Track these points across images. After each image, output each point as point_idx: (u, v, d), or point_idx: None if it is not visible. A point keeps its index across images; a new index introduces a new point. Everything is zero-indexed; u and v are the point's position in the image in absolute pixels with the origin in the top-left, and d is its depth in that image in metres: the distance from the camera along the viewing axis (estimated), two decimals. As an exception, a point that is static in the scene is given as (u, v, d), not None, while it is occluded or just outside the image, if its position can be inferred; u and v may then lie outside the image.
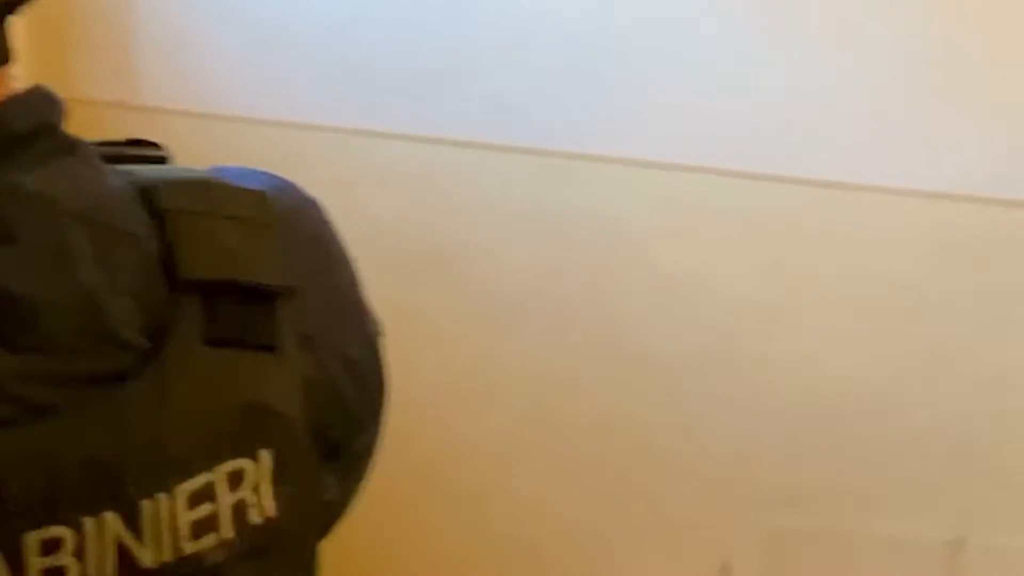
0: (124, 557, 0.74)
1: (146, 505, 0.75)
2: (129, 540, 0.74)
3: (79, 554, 0.73)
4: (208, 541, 0.77)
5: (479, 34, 2.40)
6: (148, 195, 0.82)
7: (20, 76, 0.81)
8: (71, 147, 0.82)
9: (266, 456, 0.80)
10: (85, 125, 0.89)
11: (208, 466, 0.77)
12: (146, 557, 0.75)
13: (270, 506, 0.80)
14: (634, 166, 2.40)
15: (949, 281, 2.35)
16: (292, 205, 0.90)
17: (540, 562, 2.60)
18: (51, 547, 0.72)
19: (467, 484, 2.59)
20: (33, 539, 0.72)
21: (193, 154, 1.00)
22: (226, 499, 0.78)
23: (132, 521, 0.74)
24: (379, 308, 0.96)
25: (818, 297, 2.41)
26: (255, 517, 0.80)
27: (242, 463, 0.79)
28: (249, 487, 0.79)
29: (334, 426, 0.88)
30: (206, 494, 0.77)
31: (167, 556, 0.76)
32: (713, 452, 2.49)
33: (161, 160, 0.92)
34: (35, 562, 0.71)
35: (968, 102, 2.27)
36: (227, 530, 0.79)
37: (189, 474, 0.77)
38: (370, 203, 2.45)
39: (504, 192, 2.46)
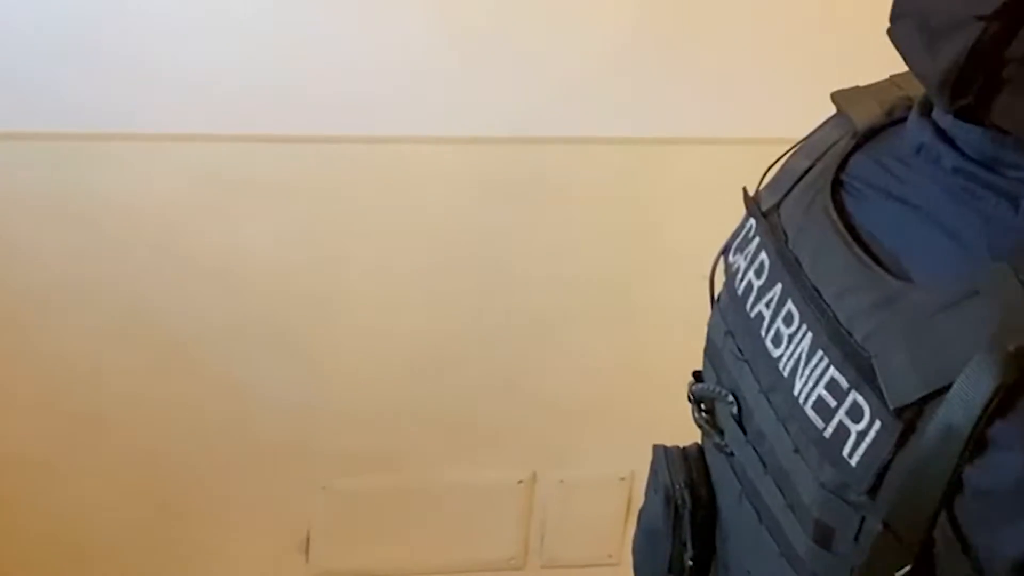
0: None
1: None
2: None
3: None
4: None
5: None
6: None
7: None
8: None
9: None
10: None
11: None
12: None
13: None
14: (149, 141, 2.17)
15: (496, 224, 2.29)
16: None
17: (97, 563, 2.44)
18: None
19: (8, 488, 2.38)
20: None
21: None
22: None
23: None
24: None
25: (365, 261, 2.29)
26: None
27: None
28: None
29: None
30: None
31: None
32: (272, 426, 2.39)
33: None
34: None
35: (492, 52, 2.17)
36: None
37: None
38: None
39: (17, 180, 2.18)
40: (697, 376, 1.20)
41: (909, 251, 0.98)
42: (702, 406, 1.16)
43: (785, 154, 1.15)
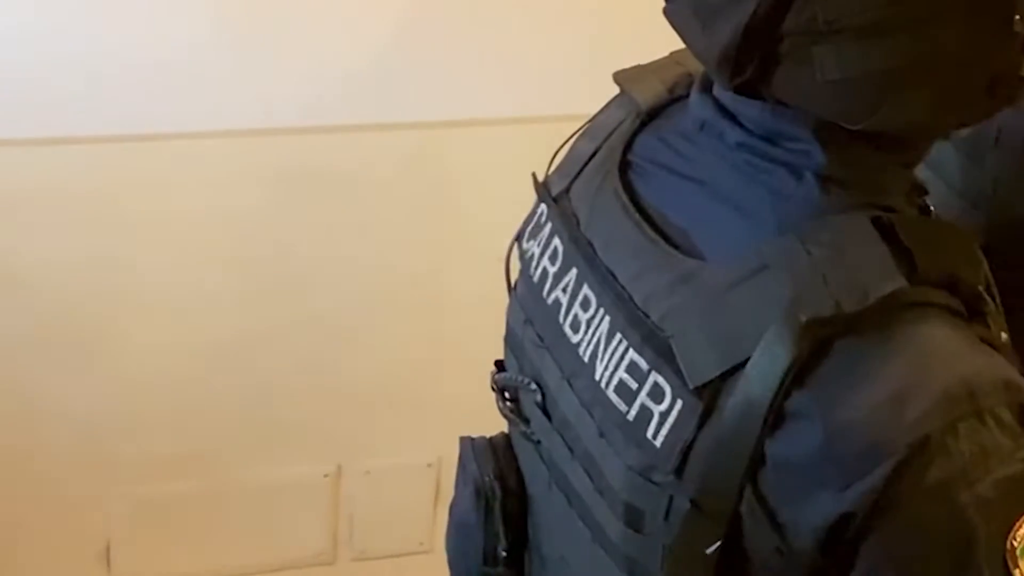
0: None
1: None
2: None
3: None
4: None
5: None
6: None
7: None
8: None
9: None
10: None
11: None
12: None
13: None
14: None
15: (289, 216, 2.24)
16: None
17: None
18: None
19: None
20: None
21: None
22: None
23: None
24: None
25: (154, 261, 2.22)
26: None
27: None
28: None
29: None
30: None
31: None
32: (64, 434, 2.29)
33: None
34: None
35: (271, 41, 2.13)
36: None
37: None
38: None
39: None
40: (499, 365, 1.19)
41: (699, 228, 0.98)
42: (506, 395, 1.16)
43: (571, 137, 1.14)
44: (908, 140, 0.97)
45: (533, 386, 1.09)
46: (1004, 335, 1.01)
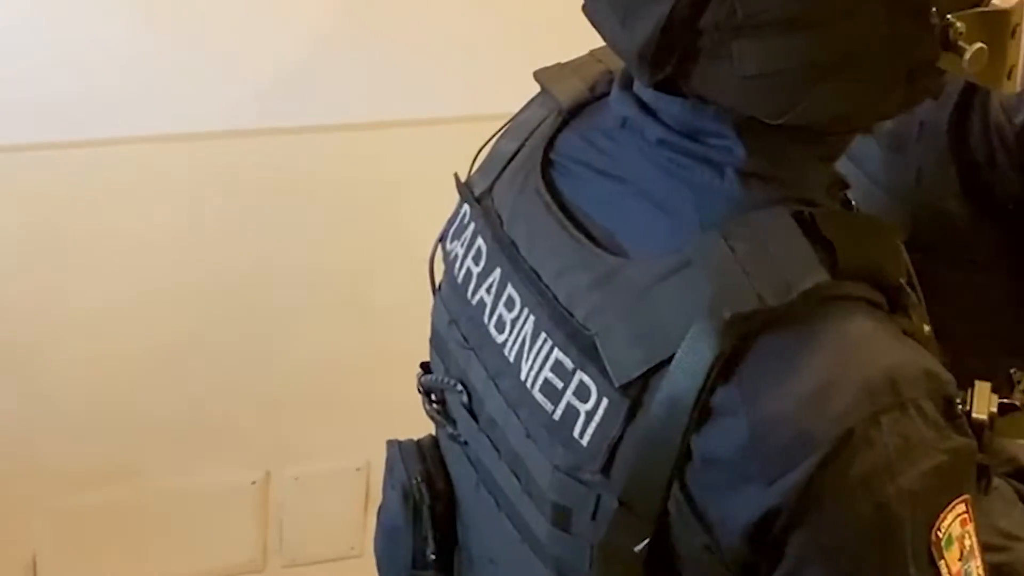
0: None
1: None
2: None
3: None
4: None
5: None
6: None
7: None
8: None
9: None
10: None
11: None
12: None
13: None
14: None
15: (218, 220, 2.22)
16: None
17: None
18: None
19: None
20: None
21: None
22: None
23: None
24: None
25: (77, 267, 2.18)
26: None
27: None
28: None
29: None
30: None
31: None
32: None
33: None
34: None
35: (200, 45, 2.10)
36: None
37: None
38: None
39: None
40: (425, 367, 1.18)
41: (623, 226, 0.98)
42: (433, 397, 1.15)
43: (493, 137, 1.14)
44: (828, 134, 0.97)
45: (459, 387, 1.08)
46: (927, 327, 1.02)
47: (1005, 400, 1.20)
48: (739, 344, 0.88)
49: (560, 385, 0.95)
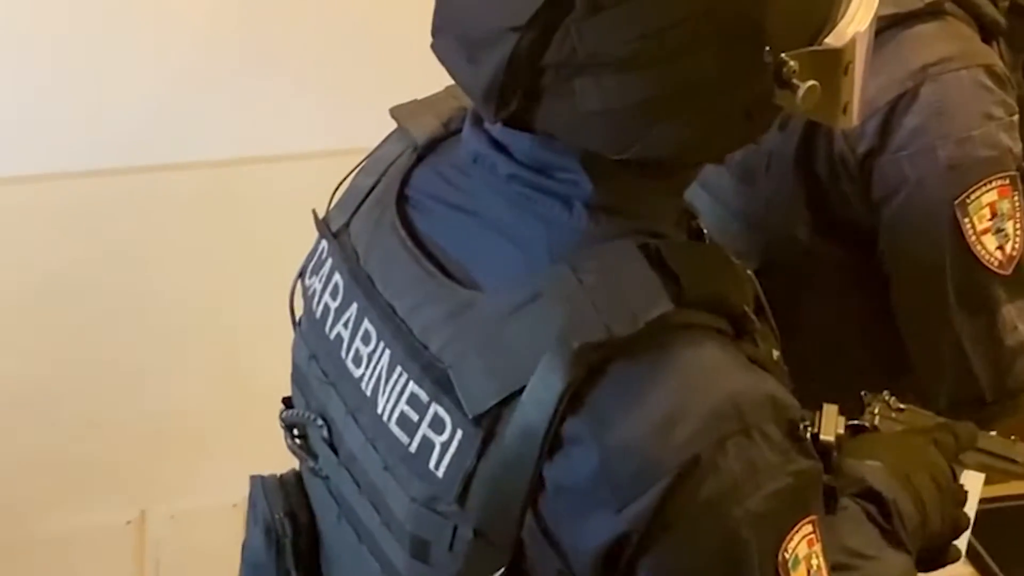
0: None
1: None
2: None
3: None
4: None
5: None
6: None
7: None
8: None
9: None
10: None
11: None
12: None
13: None
14: None
15: (83, 258, 2.19)
16: None
17: None
18: None
19: None
20: None
21: None
22: None
23: None
24: None
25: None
26: None
27: None
28: None
29: None
30: None
31: None
32: None
33: None
34: None
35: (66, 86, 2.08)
36: None
37: None
38: None
39: None
40: (287, 402, 1.18)
41: (476, 260, 1.00)
42: (295, 432, 1.15)
43: (351, 173, 1.15)
44: (674, 168, 1.00)
45: (319, 422, 1.09)
46: (776, 352, 1.06)
47: (855, 422, 1.25)
48: (588, 374, 0.90)
49: (416, 418, 0.97)
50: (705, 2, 0.89)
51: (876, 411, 1.27)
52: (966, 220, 1.31)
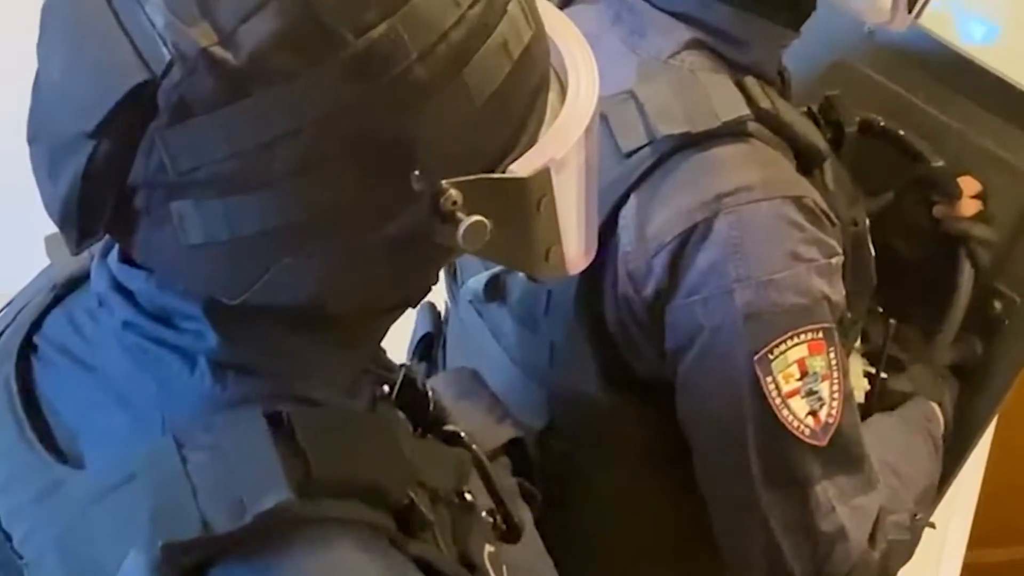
0: None
1: None
2: None
3: None
4: None
5: None
6: None
7: None
8: None
9: None
10: None
11: None
12: None
13: None
14: None
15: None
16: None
17: None
18: None
19: None
20: None
21: None
22: None
23: None
24: None
25: None
26: None
27: None
28: None
29: None
30: None
31: None
32: None
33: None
34: None
35: None
36: None
37: None
38: None
39: None
40: None
41: (86, 427, 0.80)
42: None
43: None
44: (335, 318, 0.80)
45: None
46: (489, 548, 0.86)
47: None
48: None
49: None
50: (322, 110, 0.69)
51: None
52: (769, 379, 1.08)
